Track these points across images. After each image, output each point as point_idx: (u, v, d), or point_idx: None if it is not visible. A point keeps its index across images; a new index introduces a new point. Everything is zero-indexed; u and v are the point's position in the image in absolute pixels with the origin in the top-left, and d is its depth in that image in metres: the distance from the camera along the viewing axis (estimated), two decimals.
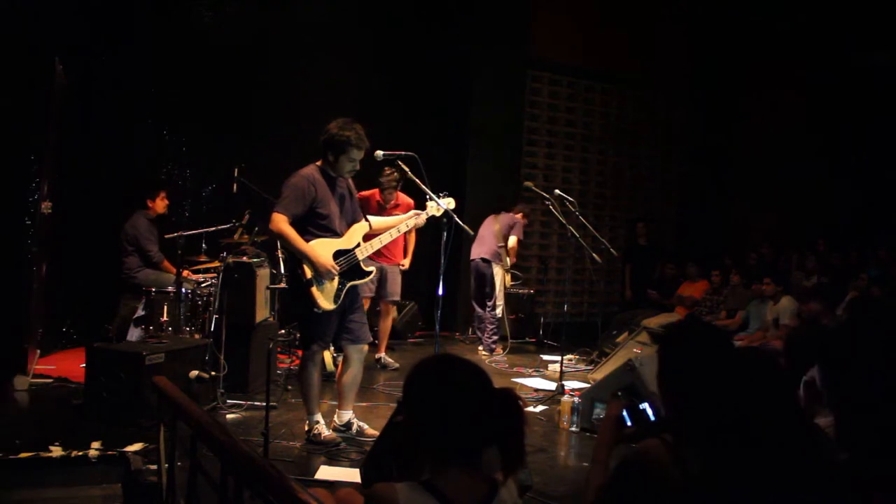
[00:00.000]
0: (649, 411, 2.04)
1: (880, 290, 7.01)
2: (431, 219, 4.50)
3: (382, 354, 6.59)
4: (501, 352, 7.51)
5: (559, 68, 9.96)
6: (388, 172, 6.08)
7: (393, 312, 6.80)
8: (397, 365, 6.60)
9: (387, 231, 4.47)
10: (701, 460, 1.66)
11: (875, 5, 8.99)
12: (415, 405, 1.73)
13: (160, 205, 6.49)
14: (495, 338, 7.49)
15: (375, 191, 6.30)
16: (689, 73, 10.77)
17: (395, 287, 6.43)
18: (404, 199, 6.34)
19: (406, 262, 6.61)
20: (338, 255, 4.20)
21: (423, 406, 1.71)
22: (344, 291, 4.21)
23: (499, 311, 7.45)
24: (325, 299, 4.13)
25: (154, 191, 6.50)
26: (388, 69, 8.26)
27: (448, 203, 4.42)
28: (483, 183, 8.79)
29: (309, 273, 4.08)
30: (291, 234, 4.05)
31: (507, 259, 7.47)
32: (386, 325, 6.63)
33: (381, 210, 6.12)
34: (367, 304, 6.20)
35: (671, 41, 10.46)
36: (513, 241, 7.38)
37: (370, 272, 4.41)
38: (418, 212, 4.52)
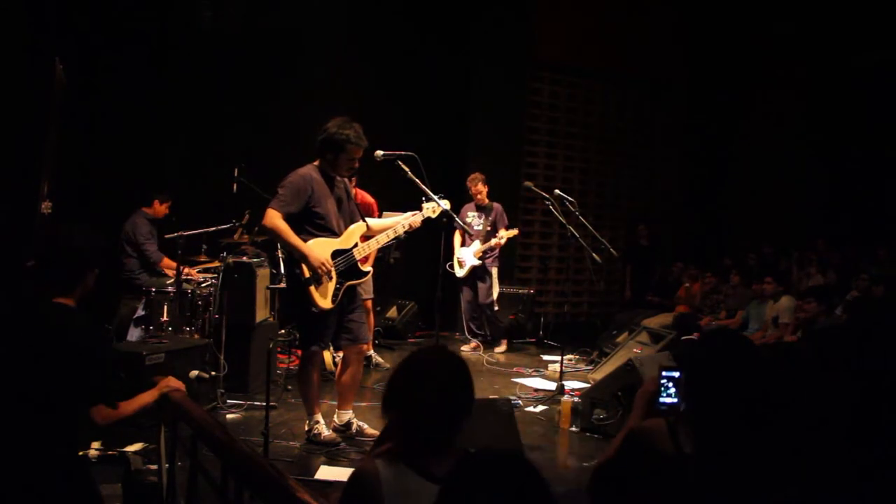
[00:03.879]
0: None
1: (882, 289, 7.00)
2: (427, 220, 4.49)
3: (371, 352, 6.52)
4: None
5: (560, 68, 9.96)
6: None
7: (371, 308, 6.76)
8: (388, 365, 6.57)
9: (383, 232, 4.46)
10: (698, 441, 1.79)
11: (875, 5, 8.99)
12: (401, 397, 1.82)
13: (162, 210, 6.53)
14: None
15: None
16: (689, 73, 10.77)
17: (368, 286, 6.20)
18: (363, 196, 6.17)
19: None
20: (336, 254, 4.20)
21: (409, 398, 1.79)
22: (342, 291, 4.21)
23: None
24: (322, 299, 4.13)
25: (164, 195, 6.53)
26: (388, 69, 8.26)
27: (444, 204, 4.43)
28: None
29: (307, 272, 4.08)
30: (285, 229, 4.04)
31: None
32: (369, 322, 6.59)
33: None
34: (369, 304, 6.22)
35: (671, 41, 10.45)
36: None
37: (367, 272, 4.40)
38: (416, 212, 4.51)
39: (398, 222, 4.48)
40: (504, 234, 7.26)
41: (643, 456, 1.83)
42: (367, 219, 4.51)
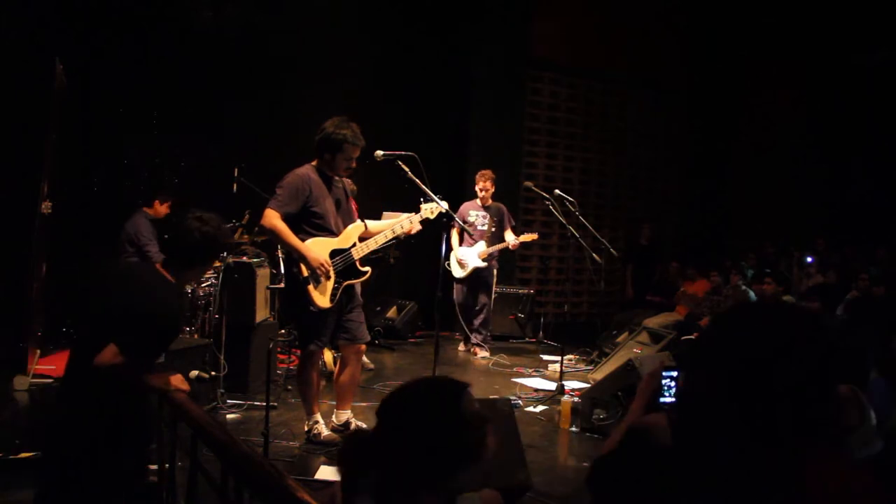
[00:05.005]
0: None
1: (882, 289, 7.01)
2: (425, 221, 4.49)
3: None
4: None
5: (559, 68, 9.96)
6: None
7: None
8: (372, 366, 6.49)
9: (381, 233, 4.46)
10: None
11: (875, 5, 8.99)
12: (391, 430, 1.66)
13: (163, 210, 6.51)
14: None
15: None
16: (689, 73, 10.78)
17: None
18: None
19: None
20: (334, 254, 4.21)
21: (399, 432, 1.64)
22: (340, 290, 4.21)
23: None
24: (321, 297, 4.13)
25: (165, 196, 6.51)
26: (388, 69, 8.27)
27: (443, 204, 4.43)
28: None
29: (305, 272, 4.09)
30: (283, 229, 4.05)
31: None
32: None
33: None
34: None
35: (671, 41, 10.46)
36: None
37: (365, 272, 4.40)
38: (412, 215, 4.50)
39: (396, 222, 4.49)
40: (522, 238, 7.17)
41: (643, 450, 1.83)
42: (366, 221, 4.52)
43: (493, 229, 7.23)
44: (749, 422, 1.47)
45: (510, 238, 7.23)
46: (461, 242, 7.38)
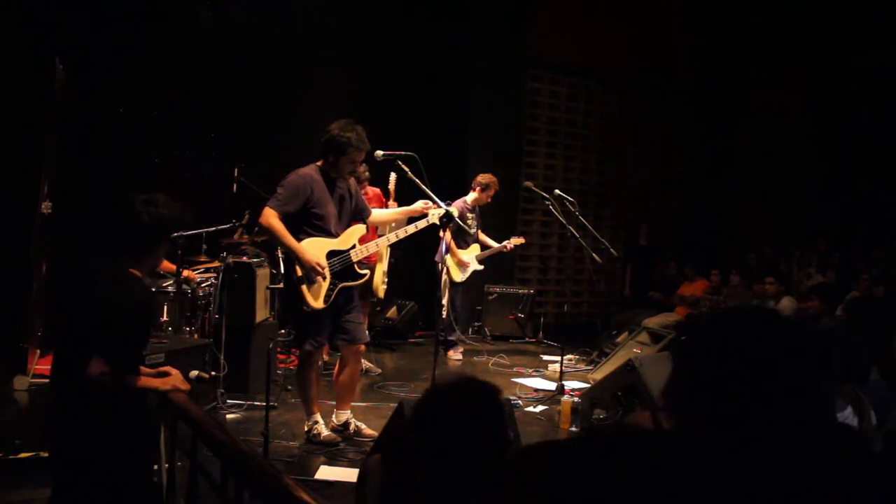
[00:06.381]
0: None
1: (883, 290, 7.01)
2: (431, 226, 4.50)
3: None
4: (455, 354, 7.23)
5: (559, 68, 9.96)
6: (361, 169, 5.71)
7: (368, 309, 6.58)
8: (379, 370, 6.41)
9: (385, 225, 4.46)
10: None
11: (875, 5, 8.99)
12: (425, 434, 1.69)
13: None
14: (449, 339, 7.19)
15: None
16: (689, 73, 10.77)
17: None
18: (373, 191, 6.17)
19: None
20: (331, 255, 4.21)
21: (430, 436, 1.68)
22: (335, 291, 4.21)
23: (443, 312, 7.03)
24: (314, 298, 4.13)
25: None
26: (388, 69, 8.27)
27: (451, 209, 4.44)
28: None
29: (300, 271, 4.09)
30: (279, 228, 4.06)
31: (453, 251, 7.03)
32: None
33: None
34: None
35: (671, 41, 10.46)
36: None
37: (364, 274, 4.39)
38: (420, 220, 4.49)
39: (400, 213, 4.53)
40: (514, 241, 7.22)
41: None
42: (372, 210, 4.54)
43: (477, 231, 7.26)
44: (727, 420, 1.46)
45: (487, 239, 7.26)
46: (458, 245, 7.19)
